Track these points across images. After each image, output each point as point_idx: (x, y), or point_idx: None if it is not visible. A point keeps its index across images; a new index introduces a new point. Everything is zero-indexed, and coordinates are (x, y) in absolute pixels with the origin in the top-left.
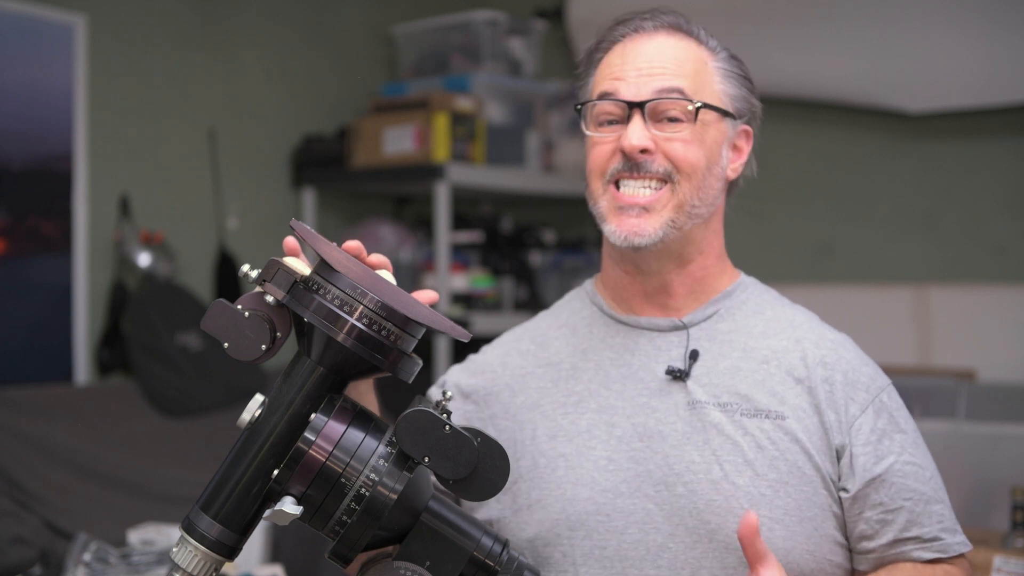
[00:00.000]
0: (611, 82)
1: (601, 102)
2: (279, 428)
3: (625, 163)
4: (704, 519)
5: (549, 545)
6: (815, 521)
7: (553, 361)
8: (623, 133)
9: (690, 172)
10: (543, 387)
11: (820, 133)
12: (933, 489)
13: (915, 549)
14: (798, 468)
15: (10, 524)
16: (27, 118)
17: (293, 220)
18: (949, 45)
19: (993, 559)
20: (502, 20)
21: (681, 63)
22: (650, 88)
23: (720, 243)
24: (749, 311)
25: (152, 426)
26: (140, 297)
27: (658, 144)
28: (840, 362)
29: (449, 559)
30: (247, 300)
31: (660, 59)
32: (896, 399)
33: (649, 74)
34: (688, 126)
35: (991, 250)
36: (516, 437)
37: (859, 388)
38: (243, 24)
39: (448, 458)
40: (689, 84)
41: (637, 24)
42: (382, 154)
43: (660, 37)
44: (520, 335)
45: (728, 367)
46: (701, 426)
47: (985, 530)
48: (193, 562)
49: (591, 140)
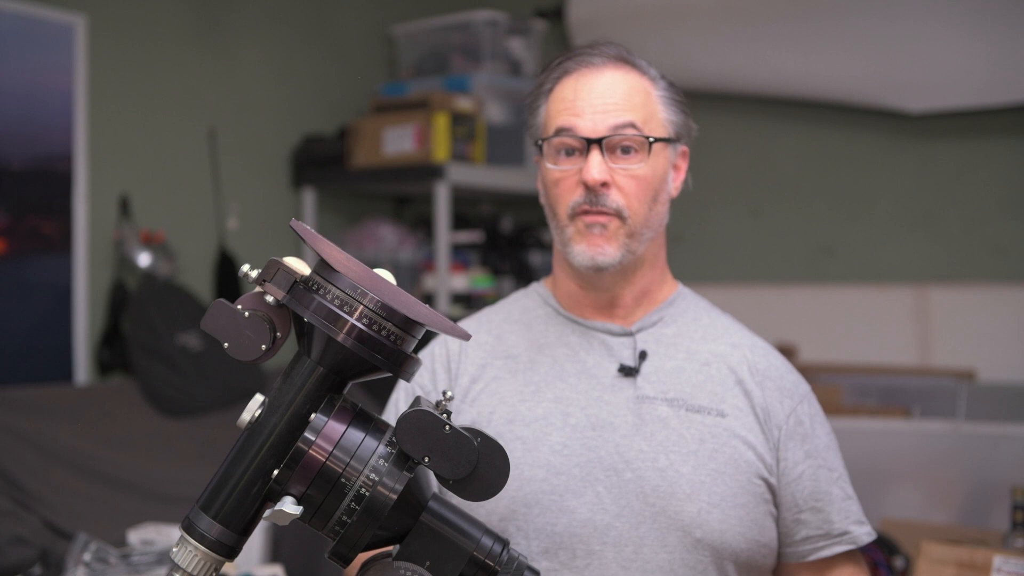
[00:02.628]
0: (567, 117)
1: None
2: (279, 428)
3: (586, 196)
4: (650, 502)
5: (504, 520)
6: (747, 507)
7: (512, 354)
8: (584, 166)
9: (638, 208)
10: (501, 376)
11: (820, 133)
12: (841, 488)
13: (827, 545)
14: (734, 460)
15: (10, 524)
16: (27, 118)
17: (293, 220)
18: (950, 45)
19: (993, 559)
20: (502, 20)
21: (629, 97)
22: (605, 124)
23: (663, 255)
24: (689, 318)
25: (152, 426)
26: (140, 297)
27: (614, 178)
28: (771, 368)
29: (449, 559)
30: (247, 300)
31: (612, 94)
32: (815, 406)
33: (603, 111)
34: (641, 156)
35: (991, 250)
36: (475, 420)
37: (785, 394)
38: (243, 24)
39: (448, 458)
40: (639, 116)
41: (585, 59)
42: (382, 154)
43: (608, 72)
44: (475, 328)
45: (674, 367)
46: (649, 419)
47: (985, 530)
48: (193, 562)
49: (553, 174)
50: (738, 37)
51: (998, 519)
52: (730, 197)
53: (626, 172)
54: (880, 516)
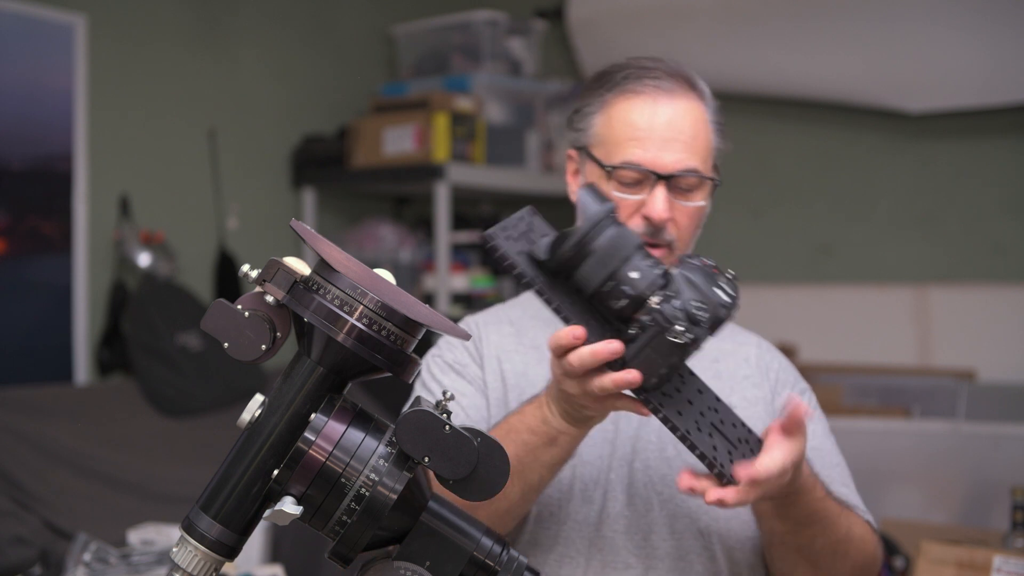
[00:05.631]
0: (637, 150)
1: (629, 171)
2: (279, 428)
3: (646, 228)
4: (658, 490)
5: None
6: None
7: (535, 344)
8: (648, 200)
9: (688, 239)
10: (529, 362)
11: (820, 133)
12: (839, 475)
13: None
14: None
15: (10, 524)
16: (27, 118)
17: (293, 220)
18: (949, 45)
19: (993, 559)
20: (502, 20)
21: (695, 133)
22: (675, 160)
23: None
24: None
25: (152, 426)
26: (140, 297)
27: (672, 214)
28: (773, 362)
29: (449, 559)
30: (247, 300)
31: (681, 129)
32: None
33: (673, 147)
34: (701, 194)
35: (991, 250)
36: (504, 399)
37: (786, 387)
38: (243, 24)
39: (448, 458)
40: (701, 155)
41: (654, 81)
42: (382, 154)
43: (680, 100)
44: (496, 319)
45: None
46: None
47: (985, 530)
48: (193, 562)
49: (614, 199)
50: (738, 37)
51: (998, 519)
52: (730, 197)
53: (685, 209)
54: (880, 516)
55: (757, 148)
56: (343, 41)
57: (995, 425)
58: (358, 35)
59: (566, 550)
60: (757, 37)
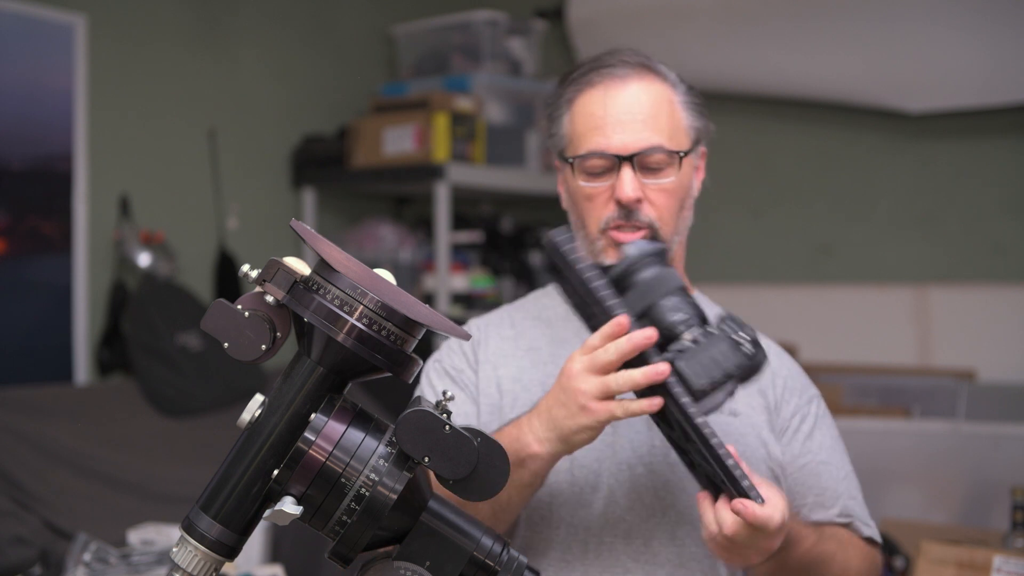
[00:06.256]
0: (597, 137)
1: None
2: (279, 428)
3: (619, 211)
4: (660, 496)
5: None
6: None
7: (533, 347)
8: (616, 183)
9: (669, 219)
10: (524, 366)
11: (820, 133)
12: (847, 487)
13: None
14: (745, 456)
15: (10, 524)
16: (27, 118)
17: (293, 220)
18: (949, 45)
19: (993, 559)
20: (502, 20)
21: (656, 110)
22: (635, 139)
23: (683, 254)
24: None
25: (152, 426)
26: (140, 297)
27: (645, 193)
28: (782, 368)
29: (449, 559)
30: (247, 300)
31: (639, 108)
32: (822, 408)
33: (632, 127)
34: (671, 170)
35: (991, 250)
36: (499, 404)
37: (794, 392)
38: (243, 24)
39: (448, 458)
40: (666, 131)
41: (609, 70)
42: (382, 154)
43: (633, 83)
44: (499, 320)
45: None
46: None
47: (985, 530)
48: (193, 562)
49: (584, 190)
50: (738, 37)
51: (998, 519)
52: (730, 197)
53: (657, 187)
54: (880, 516)
55: (757, 148)
56: (343, 41)
57: (995, 425)
58: (358, 35)
59: (562, 554)
60: (757, 37)
